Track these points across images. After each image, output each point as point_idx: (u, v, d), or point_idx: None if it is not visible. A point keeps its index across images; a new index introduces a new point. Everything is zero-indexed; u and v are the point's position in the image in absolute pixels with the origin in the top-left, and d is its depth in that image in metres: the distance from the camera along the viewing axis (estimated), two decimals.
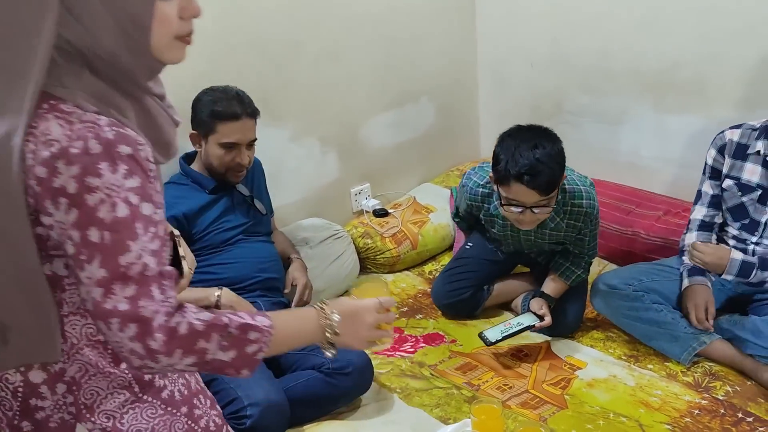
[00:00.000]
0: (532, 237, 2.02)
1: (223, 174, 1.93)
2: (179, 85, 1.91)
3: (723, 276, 1.91)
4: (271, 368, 1.79)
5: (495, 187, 1.86)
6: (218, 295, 1.78)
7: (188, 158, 2.02)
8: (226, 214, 1.98)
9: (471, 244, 2.28)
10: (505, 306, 2.28)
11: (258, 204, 2.06)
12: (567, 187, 1.90)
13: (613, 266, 2.36)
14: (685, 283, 1.99)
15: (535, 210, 1.74)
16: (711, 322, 1.90)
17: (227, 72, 2.09)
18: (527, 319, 2.00)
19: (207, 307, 1.71)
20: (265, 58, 2.29)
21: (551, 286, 2.07)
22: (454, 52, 2.88)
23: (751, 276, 1.89)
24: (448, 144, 2.98)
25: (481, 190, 2.03)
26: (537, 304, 2.04)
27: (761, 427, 1.69)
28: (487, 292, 2.21)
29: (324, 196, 2.60)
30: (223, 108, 1.84)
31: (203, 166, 1.96)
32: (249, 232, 2.02)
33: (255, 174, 2.12)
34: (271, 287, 1.99)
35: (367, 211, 2.69)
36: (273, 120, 2.37)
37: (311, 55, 2.40)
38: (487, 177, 1.96)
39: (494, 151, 1.78)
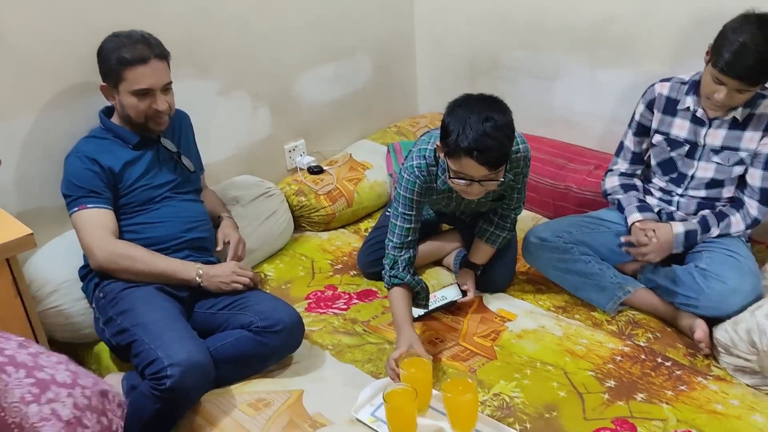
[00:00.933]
0: (474, 200, 1.97)
1: (144, 125, 1.83)
2: (93, 34, 1.82)
3: (673, 252, 1.94)
4: (198, 328, 1.75)
5: (441, 156, 1.75)
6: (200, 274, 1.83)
7: (108, 111, 1.91)
8: (152, 171, 1.89)
9: (390, 210, 2.17)
10: (438, 262, 2.28)
11: (185, 161, 1.97)
12: None
13: (546, 220, 2.39)
14: (636, 216, 1.99)
15: (483, 183, 1.69)
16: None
17: (145, 17, 1.98)
18: (452, 293, 2.01)
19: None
20: (192, 7, 2.17)
21: (478, 252, 2.07)
22: (391, 6, 2.81)
23: (698, 240, 1.93)
24: (385, 100, 2.93)
25: (424, 173, 1.85)
26: (462, 278, 2.04)
27: (678, 370, 1.75)
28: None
29: (256, 152, 2.53)
30: (129, 53, 1.73)
31: (122, 119, 1.86)
32: (176, 190, 1.94)
33: (182, 128, 2.03)
34: (199, 247, 1.93)
35: (301, 169, 2.64)
36: (200, 71, 2.27)
37: (238, 5, 2.30)
38: (424, 161, 1.84)
39: (443, 122, 1.67)
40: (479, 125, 1.60)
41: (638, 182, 2.12)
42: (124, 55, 1.73)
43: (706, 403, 1.64)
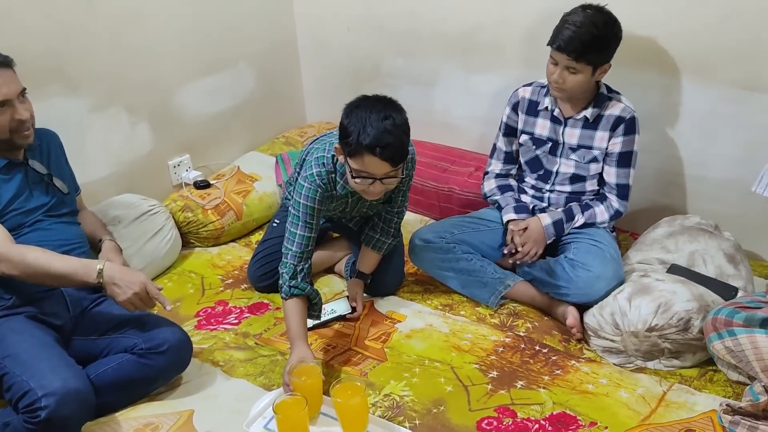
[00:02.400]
0: (367, 203, 1.99)
1: (9, 140, 1.73)
2: None
3: (546, 242, 2.06)
4: (79, 357, 1.68)
5: (342, 159, 1.77)
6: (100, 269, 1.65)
7: None
8: (23, 196, 1.79)
9: (278, 221, 2.22)
10: (329, 270, 2.31)
11: (58, 182, 1.88)
12: None
13: (433, 221, 2.47)
14: (512, 215, 2.10)
15: (385, 181, 1.73)
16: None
17: (6, 37, 1.88)
18: (341, 307, 2.04)
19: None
20: (53, 20, 2.08)
21: (367, 260, 2.11)
22: (271, 16, 2.82)
23: (565, 229, 2.08)
24: (271, 111, 2.93)
25: (324, 181, 1.86)
26: (352, 290, 2.08)
27: (554, 356, 1.88)
28: None
29: (138, 169, 2.46)
30: None
31: None
32: (50, 213, 1.85)
33: (50, 149, 1.93)
34: None
35: (187, 184, 2.58)
36: (70, 88, 2.18)
37: (107, 16, 2.22)
38: (324, 168, 1.85)
39: (342, 123, 1.71)
40: (379, 123, 1.66)
41: (513, 182, 2.24)
42: None
43: (579, 384, 1.77)
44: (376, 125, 1.66)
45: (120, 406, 1.69)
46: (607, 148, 2.03)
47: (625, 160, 2.03)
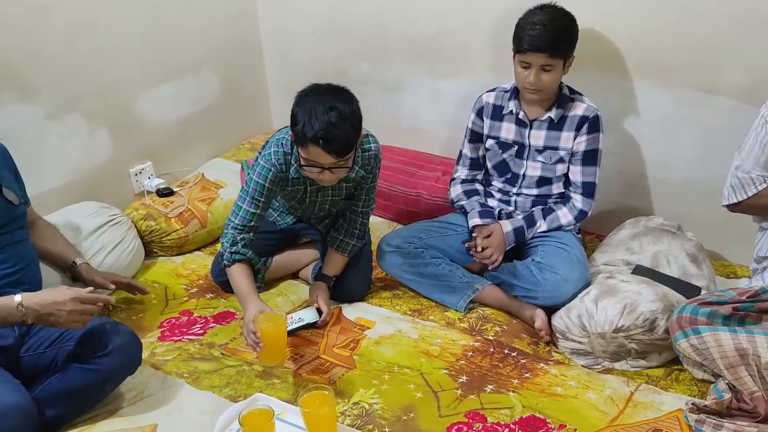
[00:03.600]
0: (329, 196, 2.00)
1: None
2: None
3: (507, 248, 2.07)
4: (29, 374, 1.61)
5: (293, 145, 1.81)
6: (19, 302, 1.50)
7: None
8: None
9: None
10: (295, 275, 2.28)
11: (7, 192, 1.79)
12: None
13: (401, 227, 2.46)
14: (477, 221, 2.10)
15: (333, 170, 1.76)
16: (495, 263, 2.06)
17: None
18: (309, 315, 2.01)
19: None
20: (5, 26, 2.01)
21: (331, 263, 2.09)
22: (234, 21, 2.78)
23: (526, 236, 2.08)
24: (236, 117, 2.89)
25: (280, 161, 1.88)
26: (314, 291, 2.04)
27: (523, 359, 1.88)
28: (266, 263, 2.17)
29: (98, 178, 2.39)
30: None
31: None
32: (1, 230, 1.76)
33: None
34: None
35: (149, 192, 2.53)
36: (23, 96, 2.11)
37: (62, 22, 2.16)
38: (281, 149, 1.87)
39: (292, 111, 1.73)
40: (324, 115, 1.67)
41: (479, 186, 2.25)
42: None
43: (547, 386, 1.77)
44: (321, 117, 1.67)
45: (73, 417, 1.63)
46: (572, 148, 2.05)
47: (590, 158, 2.05)
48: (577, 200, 2.10)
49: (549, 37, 1.89)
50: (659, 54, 2.13)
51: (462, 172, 2.25)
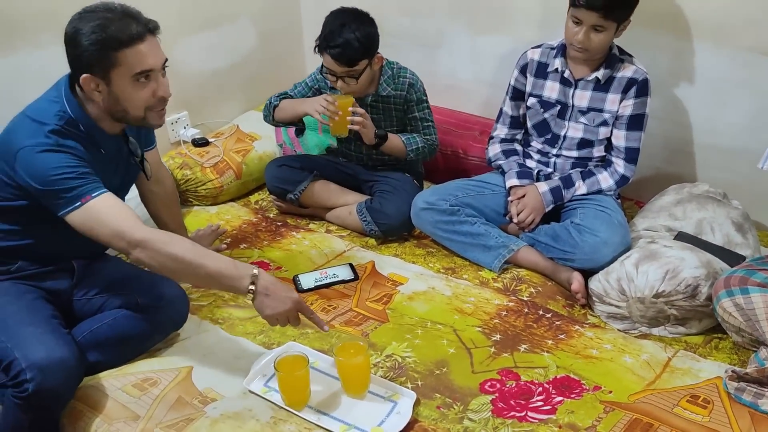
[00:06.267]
0: (382, 123, 2.19)
1: (142, 118, 1.58)
2: None
3: (545, 210, 2.05)
4: (77, 318, 1.64)
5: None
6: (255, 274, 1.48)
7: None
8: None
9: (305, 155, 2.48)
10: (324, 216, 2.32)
11: (147, 167, 1.79)
12: (394, 66, 2.21)
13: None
14: (514, 181, 2.09)
15: (346, 79, 2.05)
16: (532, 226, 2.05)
17: None
18: (343, 273, 2.01)
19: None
20: None
21: (392, 139, 2.19)
22: None
23: (564, 197, 2.04)
24: (272, 69, 2.85)
25: (317, 74, 2.24)
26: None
27: (558, 320, 1.86)
28: (311, 177, 2.27)
29: None
30: (120, 32, 1.50)
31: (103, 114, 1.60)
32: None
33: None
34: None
35: (185, 141, 2.53)
36: (62, 40, 2.08)
37: None
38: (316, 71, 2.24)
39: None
40: (336, 27, 2.00)
41: (518, 147, 2.20)
42: (114, 34, 1.46)
43: (582, 349, 1.75)
44: (333, 28, 2.00)
45: (116, 363, 1.65)
46: (617, 111, 1.99)
47: (636, 123, 1.99)
48: (619, 165, 2.05)
49: None
50: (713, 12, 2.04)
51: (501, 131, 2.20)
